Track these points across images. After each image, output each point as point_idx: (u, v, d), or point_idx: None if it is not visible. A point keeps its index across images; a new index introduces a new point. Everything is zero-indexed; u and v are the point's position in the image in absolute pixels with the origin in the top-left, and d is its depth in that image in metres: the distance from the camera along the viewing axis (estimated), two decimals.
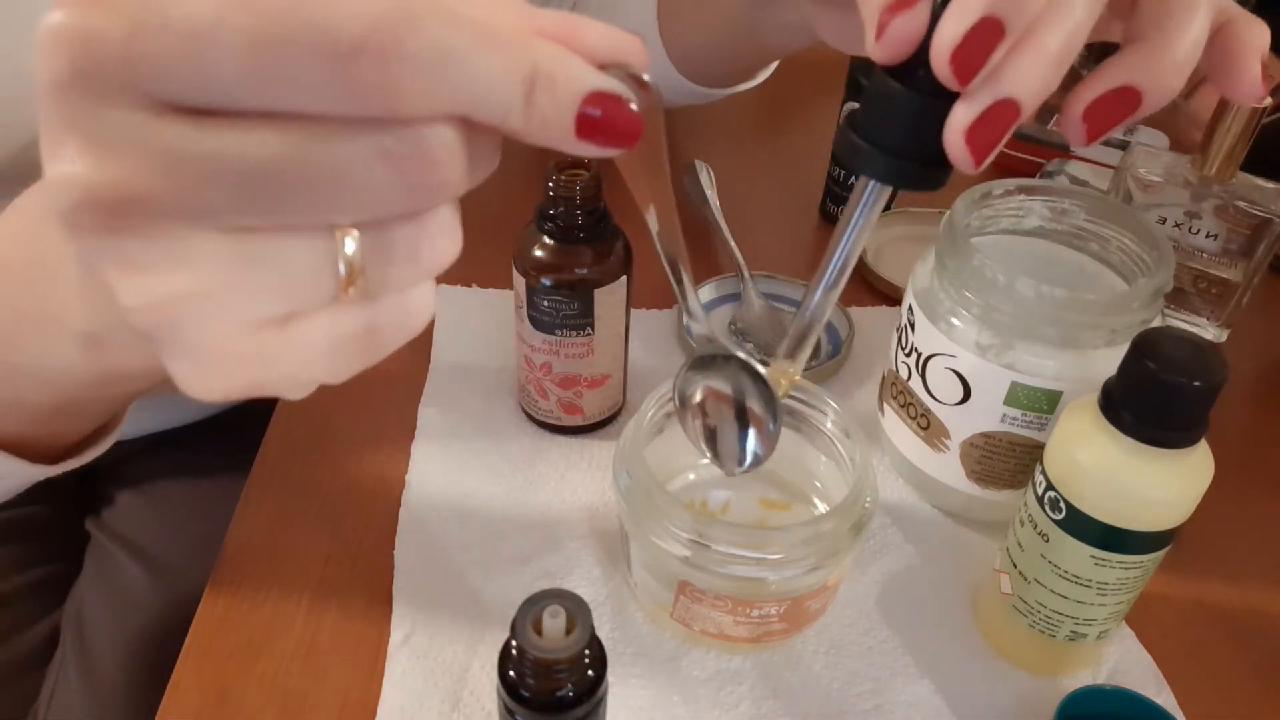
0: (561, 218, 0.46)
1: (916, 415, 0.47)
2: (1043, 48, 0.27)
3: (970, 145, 0.27)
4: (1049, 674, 0.43)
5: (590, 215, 0.46)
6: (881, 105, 0.29)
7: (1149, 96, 0.29)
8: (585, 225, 0.46)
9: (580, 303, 0.47)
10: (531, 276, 0.47)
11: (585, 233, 0.46)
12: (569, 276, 0.46)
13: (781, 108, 0.82)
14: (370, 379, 0.38)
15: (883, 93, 0.29)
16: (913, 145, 0.29)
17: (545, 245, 0.46)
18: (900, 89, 0.28)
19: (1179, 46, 0.28)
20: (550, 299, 0.46)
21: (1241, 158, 0.53)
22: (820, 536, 0.39)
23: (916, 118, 0.28)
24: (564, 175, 0.45)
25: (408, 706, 0.40)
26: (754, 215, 0.69)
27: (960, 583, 0.46)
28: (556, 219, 0.46)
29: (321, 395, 0.35)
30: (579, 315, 0.47)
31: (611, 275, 0.47)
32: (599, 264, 0.47)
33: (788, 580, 0.39)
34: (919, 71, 0.28)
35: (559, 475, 0.50)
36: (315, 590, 0.44)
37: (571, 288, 0.46)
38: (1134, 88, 0.28)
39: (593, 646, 0.29)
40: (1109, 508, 0.37)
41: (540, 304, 0.47)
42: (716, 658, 0.42)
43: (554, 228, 0.46)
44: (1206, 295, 0.58)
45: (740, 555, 0.38)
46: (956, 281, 0.43)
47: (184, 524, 0.64)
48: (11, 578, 0.63)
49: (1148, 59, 0.28)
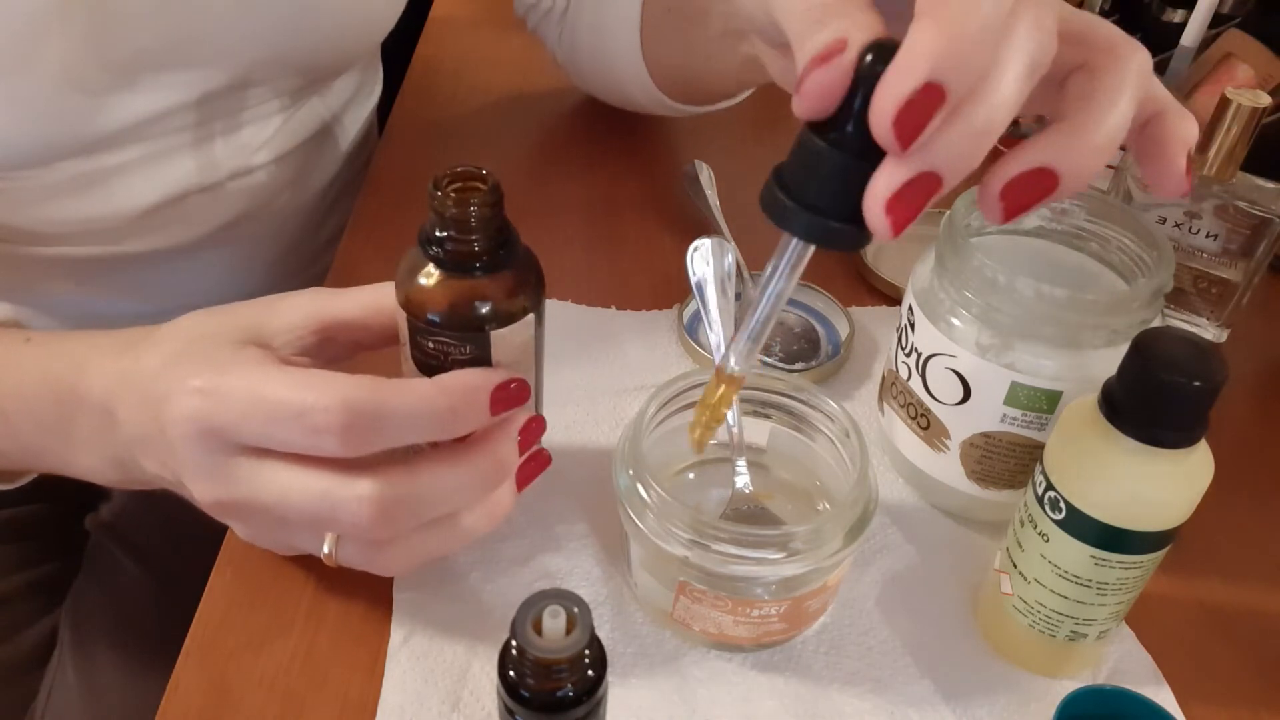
0: (451, 242, 0.37)
1: (916, 415, 0.47)
2: (971, 122, 0.26)
3: (890, 215, 0.27)
4: (1049, 674, 0.43)
5: (489, 239, 0.37)
6: (806, 161, 0.29)
7: (1066, 179, 0.28)
8: (482, 252, 0.37)
9: (473, 346, 0.38)
10: (415, 311, 0.38)
11: (481, 261, 0.37)
12: (462, 314, 0.38)
13: (781, 108, 0.81)
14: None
15: (807, 148, 0.28)
16: (835, 204, 0.28)
17: (432, 275, 0.38)
18: (824, 147, 0.28)
19: (1099, 131, 0.28)
20: (437, 340, 0.38)
21: (1241, 158, 0.53)
22: (820, 536, 0.39)
23: (839, 177, 0.28)
24: (452, 190, 0.37)
25: (408, 707, 0.40)
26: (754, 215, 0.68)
27: (960, 583, 0.46)
28: (444, 244, 0.37)
29: None
30: (472, 360, 0.39)
31: (513, 311, 0.38)
32: (499, 297, 0.38)
33: (788, 580, 0.39)
34: (845, 128, 0.27)
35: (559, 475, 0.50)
36: (315, 590, 0.44)
37: (463, 328, 0.38)
38: (1051, 169, 0.28)
39: (593, 646, 0.29)
40: (1109, 508, 0.37)
41: (425, 345, 0.39)
42: (716, 657, 0.42)
43: (441, 254, 0.37)
44: (1206, 295, 0.58)
45: (740, 555, 0.38)
46: (956, 281, 0.43)
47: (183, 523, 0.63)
48: (10, 577, 0.63)
49: (1068, 140, 0.28)
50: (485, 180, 0.37)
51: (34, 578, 0.64)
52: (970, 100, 0.26)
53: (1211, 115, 0.52)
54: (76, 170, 0.53)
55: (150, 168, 0.56)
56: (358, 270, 0.62)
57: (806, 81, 0.27)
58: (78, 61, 0.48)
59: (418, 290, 0.38)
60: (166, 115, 0.54)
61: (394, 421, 0.35)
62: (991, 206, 0.29)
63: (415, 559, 0.39)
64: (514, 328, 0.39)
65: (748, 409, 0.46)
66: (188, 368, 0.37)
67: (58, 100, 0.49)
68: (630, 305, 0.61)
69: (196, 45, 0.53)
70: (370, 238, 0.65)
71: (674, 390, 0.44)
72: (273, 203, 0.65)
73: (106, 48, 0.49)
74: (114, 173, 0.55)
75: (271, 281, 0.69)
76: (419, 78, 0.85)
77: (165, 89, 0.53)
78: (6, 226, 0.54)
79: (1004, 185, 0.29)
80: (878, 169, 0.27)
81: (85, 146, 0.52)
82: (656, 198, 0.71)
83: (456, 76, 0.85)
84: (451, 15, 0.95)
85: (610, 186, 0.72)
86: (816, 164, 0.28)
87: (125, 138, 0.54)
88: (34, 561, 0.64)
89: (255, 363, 0.37)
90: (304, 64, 0.60)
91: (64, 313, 0.62)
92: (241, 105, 0.59)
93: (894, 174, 0.26)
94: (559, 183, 0.72)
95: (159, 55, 0.52)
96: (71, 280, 0.60)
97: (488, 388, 0.37)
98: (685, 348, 0.58)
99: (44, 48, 0.47)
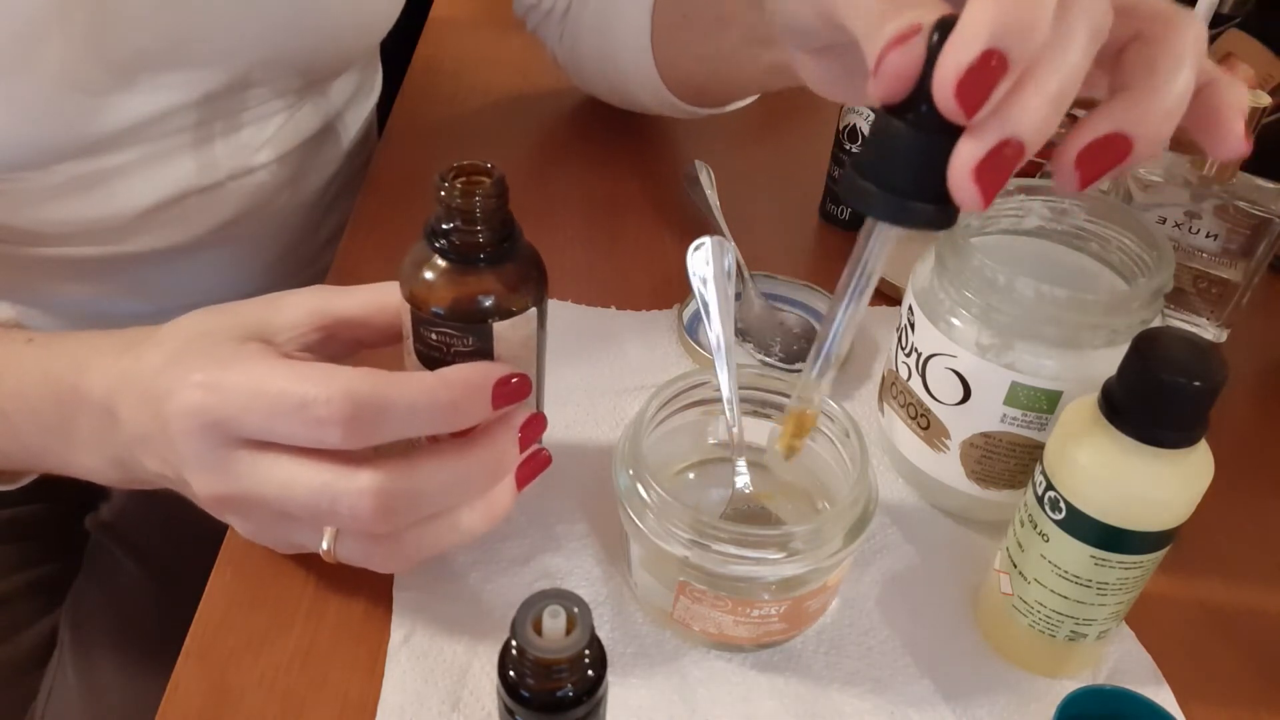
0: (456, 234, 0.38)
1: (916, 415, 0.47)
2: (1044, 87, 0.27)
3: (978, 184, 0.27)
4: (1049, 674, 0.43)
5: (494, 232, 0.38)
6: (884, 144, 0.29)
7: (1139, 144, 0.29)
8: (486, 244, 0.38)
9: (476, 338, 0.39)
10: (419, 304, 0.39)
11: (485, 253, 0.38)
12: (466, 306, 0.39)
13: (781, 108, 0.82)
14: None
15: (885, 131, 0.28)
16: (918, 184, 0.28)
17: (437, 267, 0.39)
18: (902, 126, 0.28)
19: (1167, 95, 0.29)
20: (440, 331, 0.39)
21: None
22: (820, 536, 0.39)
23: (920, 155, 0.28)
24: (459, 183, 0.38)
25: (408, 706, 0.40)
26: (754, 215, 0.69)
27: (960, 583, 0.46)
28: (449, 236, 0.38)
29: None
30: (474, 353, 0.39)
31: (515, 305, 0.39)
32: (501, 291, 0.39)
33: (788, 580, 0.39)
34: (921, 108, 0.27)
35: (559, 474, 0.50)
36: (315, 590, 0.44)
37: (466, 320, 0.39)
38: (1125, 134, 0.29)
39: (593, 646, 0.29)
40: (1109, 508, 0.37)
41: (428, 338, 0.39)
42: (716, 657, 0.42)
43: (446, 246, 0.38)
44: (1206, 295, 0.58)
45: (740, 555, 0.38)
46: (956, 281, 0.43)
47: (183, 523, 0.64)
48: (10, 577, 0.63)
49: (1138, 105, 0.29)
50: (491, 173, 0.38)
51: (34, 578, 0.64)
52: (1040, 66, 0.27)
53: None
54: (77, 171, 0.53)
55: (150, 168, 0.56)
56: (358, 270, 0.62)
57: (883, 65, 0.27)
58: (77, 62, 0.48)
59: (422, 283, 0.39)
60: (166, 115, 0.54)
61: (395, 413, 0.36)
62: (1067, 175, 0.30)
63: (414, 556, 0.39)
64: (516, 321, 0.39)
65: (748, 409, 0.46)
66: (190, 364, 0.37)
67: (57, 100, 0.49)
68: (630, 305, 0.61)
69: (196, 45, 0.53)
70: (370, 237, 0.65)
71: (674, 390, 0.44)
72: (273, 202, 0.65)
73: (106, 48, 0.49)
74: (114, 173, 0.55)
75: (271, 281, 0.69)
76: (419, 78, 0.85)
77: (165, 89, 0.53)
78: (7, 227, 0.54)
79: (1079, 153, 0.29)
80: (959, 141, 0.27)
81: (85, 147, 0.52)
82: (656, 198, 0.71)
83: (456, 76, 0.85)
84: (451, 15, 0.95)
85: (610, 186, 0.72)
86: (897, 146, 0.28)
87: (125, 138, 0.54)
88: (34, 561, 0.64)
89: (257, 357, 0.37)
90: (304, 63, 0.60)
91: (65, 312, 0.62)
92: (242, 105, 0.59)
93: (978, 143, 0.27)
94: (559, 183, 0.72)
95: (159, 55, 0.52)
96: (72, 280, 0.60)
97: (489, 381, 0.37)
98: (685, 348, 0.58)
99: (44, 48, 0.47)
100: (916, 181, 0.28)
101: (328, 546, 0.38)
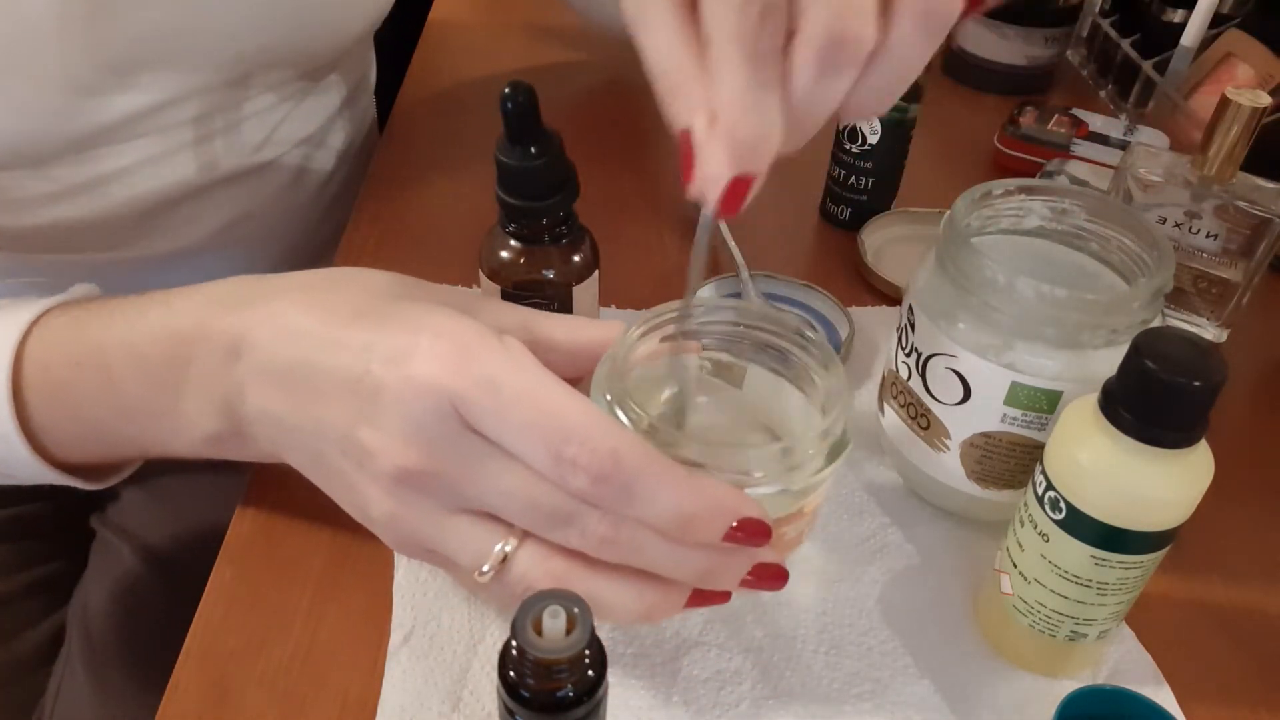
0: (529, 220, 0.47)
1: (916, 415, 0.47)
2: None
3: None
4: (1049, 674, 0.43)
5: (556, 217, 0.47)
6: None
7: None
8: (552, 226, 0.47)
9: (560, 302, 0.49)
10: (503, 280, 0.48)
11: (551, 233, 0.48)
12: (541, 278, 0.48)
13: None
14: None
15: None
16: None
17: (512, 248, 0.48)
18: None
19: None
20: (530, 301, 0.47)
21: (1241, 158, 0.53)
22: (790, 455, 0.37)
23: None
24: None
25: (408, 706, 0.40)
26: (754, 215, 0.68)
27: (960, 583, 0.46)
28: (524, 221, 0.47)
29: None
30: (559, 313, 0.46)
31: (586, 272, 0.49)
32: (572, 262, 0.48)
33: (760, 500, 0.37)
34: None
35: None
36: (315, 590, 0.44)
37: (551, 287, 0.48)
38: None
39: (593, 647, 0.29)
40: (1109, 508, 0.37)
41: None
42: (716, 657, 0.42)
43: (518, 229, 0.47)
44: (1206, 295, 0.58)
45: (711, 469, 0.37)
46: (956, 281, 0.43)
47: (189, 520, 0.64)
48: (16, 575, 0.63)
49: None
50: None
51: (40, 575, 0.64)
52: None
53: (1212, 115, 0.52)
54: (76, 172, 0.53)
55: (150, 169, 0.56)
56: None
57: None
58: (73, 58, 0.48)
59: (502, 261, 0.48)
60: (162, 111, 0.54)
61: (640, 496, 0.33)
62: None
63: (583, 588, 0.35)
64: (586, 284, 0.49)
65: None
66: (455, 338, 0.34)
67: (52, 97, 0.49)
68: (630, 305, 0.61)
69: (189, 37, 0.53)
70: (370, 237, 0.65)
71: (654, 318, 0.41)
72: (272, 203, 0.65)
73: (101, 45, 0.49)
74: (113, 175, 0.55)
75: None
76: (419, 77, 0.85)
77: (160, 86, 0.53)
78: (9, 233, 0.55)
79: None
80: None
81: (80, 143, 0.52)
82: (656, 198, 0.71)
83: (456, 76, 0.85)
84: (451, 15, 0.95)
85: (610, 186, 0.72)
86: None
87: (122, 135, 0.54)
88: (40, 559, 0.64)
89: (533, 364, 0.35)
90: (297, 54, 0.60)
91: None
92: (239, 104, 0.59)
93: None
94: None
95: (152, 48, 0.52)
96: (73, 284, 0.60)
97: (736, 513, 0.35)
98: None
99: (39, 44, 0.47)
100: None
101: (500, 554, 0.35)
